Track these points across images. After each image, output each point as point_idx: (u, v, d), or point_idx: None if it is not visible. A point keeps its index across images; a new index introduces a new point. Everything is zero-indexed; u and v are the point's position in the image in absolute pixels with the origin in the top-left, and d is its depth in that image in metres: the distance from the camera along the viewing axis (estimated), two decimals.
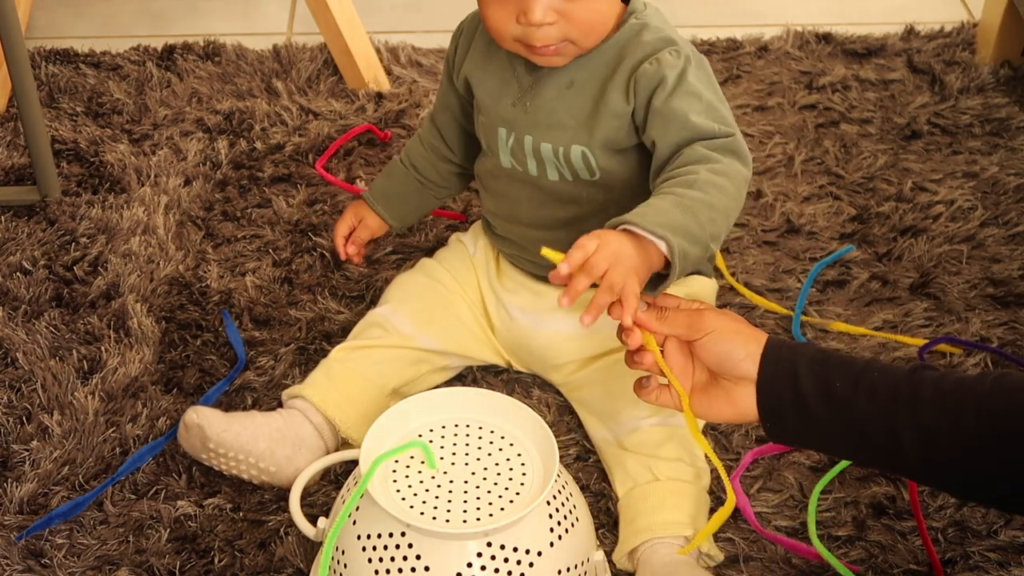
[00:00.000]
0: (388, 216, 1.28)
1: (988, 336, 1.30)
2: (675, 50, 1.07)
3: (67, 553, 1.09)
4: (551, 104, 1.10)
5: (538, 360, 1.23)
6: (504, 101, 1.13)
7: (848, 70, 1.70)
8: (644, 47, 1.07)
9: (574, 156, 1.11)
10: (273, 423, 1.14)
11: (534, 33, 1.04)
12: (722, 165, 1.02)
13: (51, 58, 1.72)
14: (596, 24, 1.06)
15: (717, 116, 1.06)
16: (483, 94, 1.16)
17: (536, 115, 1.11)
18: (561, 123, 1.10)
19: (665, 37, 1.08)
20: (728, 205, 1.01)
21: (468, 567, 0.92)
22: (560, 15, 1.03)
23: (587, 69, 1.09)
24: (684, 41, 1.09)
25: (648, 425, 1.12)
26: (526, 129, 1.12)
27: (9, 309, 1.33)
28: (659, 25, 1.09)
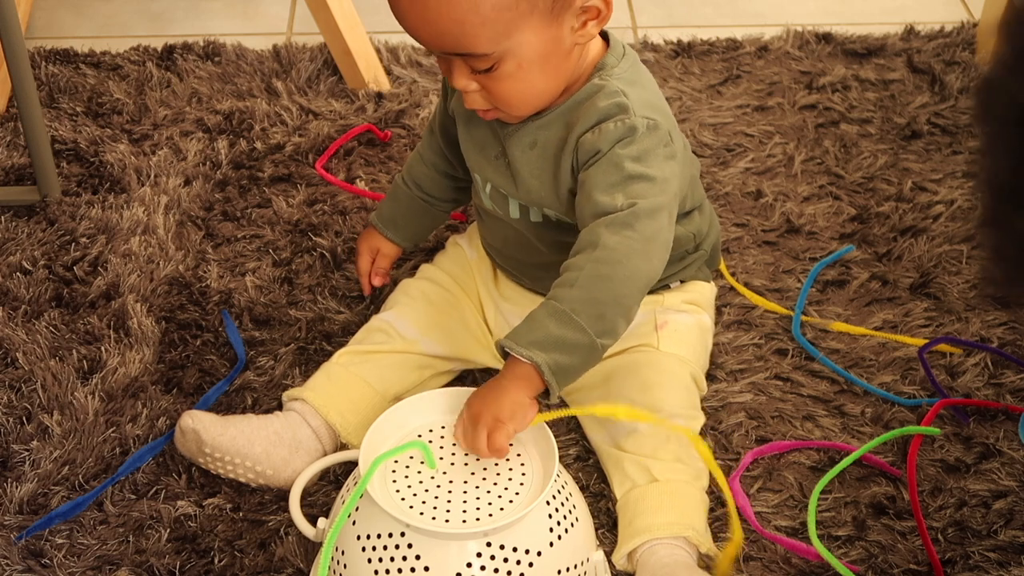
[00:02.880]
0: (400, 240, 1.29)
1: (988, 336, 1.30)
2: (621, 119, 1.04)
3: (67, 553, 1.09)
4: (518, 164, 1.11)
5: None
6: (488, 153, 1.14)
7: (848, 70, 1.70)
8: (595, 112, 1.05)
9: (547, 214, 1.12)
10: (270, 426, 1.14)
11: (464, 97, 1.05)
12: (610, 251, 1.00)
13: (51, 58, 1.72)
14: (514, 98, 1.05)
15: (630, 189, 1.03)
16: (467, 137, 1.16)
17: (511, 172, 1.12)
18: (528, 185, 1.11)
19: (618, 103, 1.04)
20: (617, 292, 1.00)
21: (468, 567, 0.92)
22: (481, 86, 1.04)
23: (548, 130, 1.09)
24: (645, 106, 1.06)
25: (645, 427, 1.11)
26: (502, 182, 1.13)
27: (9, 309, 1.33)
28: (616, 87, 1.05)
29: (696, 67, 1.71)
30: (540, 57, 1.02)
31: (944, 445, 1.19)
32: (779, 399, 1.24)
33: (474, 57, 1.01)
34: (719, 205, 1.47)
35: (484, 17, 0.98)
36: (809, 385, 1.25)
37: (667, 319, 1.18)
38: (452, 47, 1.00)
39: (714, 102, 1.64)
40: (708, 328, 1.23)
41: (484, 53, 1.00)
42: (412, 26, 1.01)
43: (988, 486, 1.15)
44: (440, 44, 1.01)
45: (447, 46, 1.00)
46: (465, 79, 1.03)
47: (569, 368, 0.99)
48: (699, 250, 1.21)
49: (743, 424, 1.21)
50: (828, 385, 1.26)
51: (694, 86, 1.67)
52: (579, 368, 1.01)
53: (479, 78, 1.03)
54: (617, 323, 1.01)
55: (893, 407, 1.23)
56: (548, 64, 1.03)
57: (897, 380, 1.26)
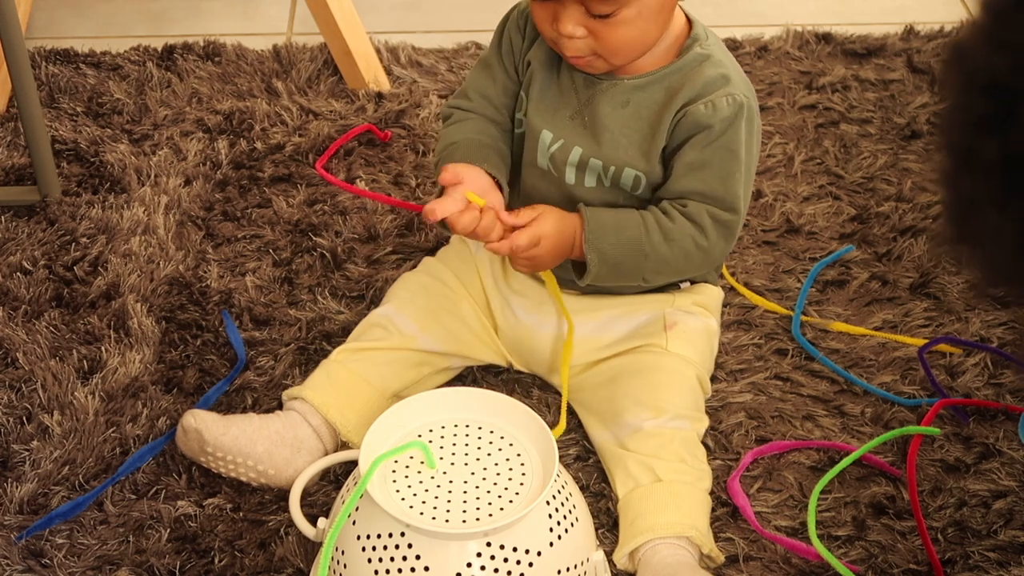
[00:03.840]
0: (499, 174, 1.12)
1: (988, 336, 1.30)
2: (731, 96, 1.07)
3: (67, 553, 1.09)
4: (606, 121, 1.10)
5: (540, 362, 1.23)
6: (561, 107, 1.13)
7: (848, 70, 1.70)
8: (701, 81, 1.07)
9: (625, 177, 1.11)
10: (272, 425, 1.14)
11: (564, 42, 1.05)
12: (707, 241, 1.09)
13: (51, 58, 1.72)
14: (625, 46, 1.06)
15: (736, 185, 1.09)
16: (539, 92, 1.15)
17: (592, 129, 1.11)
18: (617, 143, 1.11)
19: (725, 75, 1.08)
20: (683, 267, 1.13)
21: (468, 567, 0.92)
22: (589, 31, 1.04)
23: (644, 91, 1.09)
24: (742, 82, 1.09)
25: (651, 427, 1.11)
26: (577, 140, 1.12)
27: (9, 309, 1.33)
28: (721, 59, 1.09)
29: None
30: (658, 6, 1.04)
31: (944, 445, 1.19)
32: (779, 399, 1.24)
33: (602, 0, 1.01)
34: None
35: None
36: (809, 385, 1.25)
37: (676, 320, 1.18)
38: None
39: None
40: (715, 332, 1.23)
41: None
42: None
43: (988, 486, 1.15)
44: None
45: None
46: (574, 24, 1.03)
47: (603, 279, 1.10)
48: None
49: (743, 424, 1.21)
50: (828, 385, 1.26)
51: None
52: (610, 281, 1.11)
53: (593, 23, 1.03)
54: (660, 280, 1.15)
55: (893, 407, 1.23)
56: (660, 15, 1.06)
57: (897, 380, 1.26)
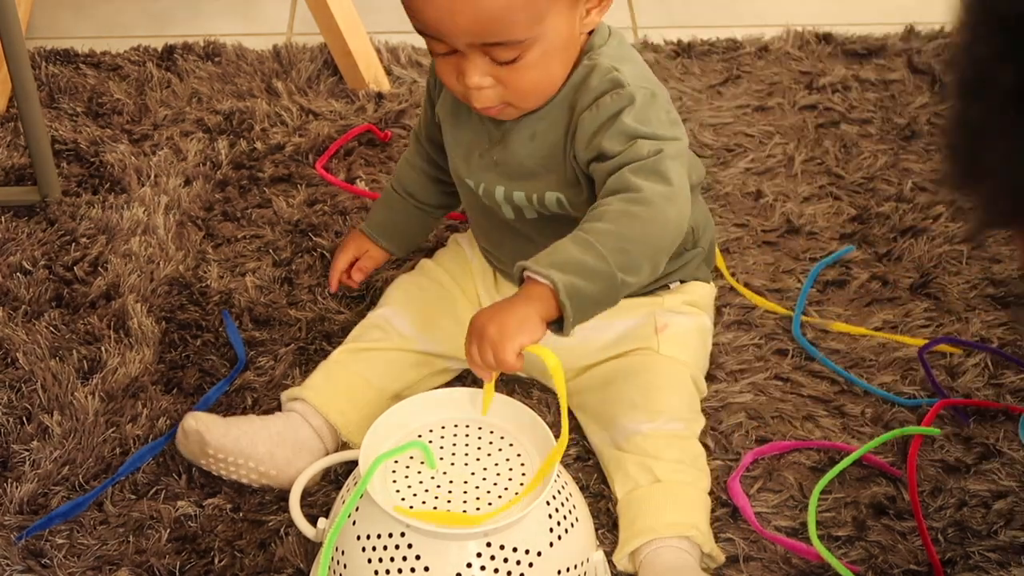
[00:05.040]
0: (394, 248, 1.29)
1: (988, 336, 1.30)
2: (617, 93, 1.04)
3: (67, 553, 1.09)
4: (519, 157, 1.10)
5: (535, 367, 1.23)
6: (474, 153, 1.13)
7: (848, 70, 1.70)
8: (590, 92, 1.05)
9: (548, 201, 1.11)
10: (272, 426, 1.14)
11: (473, 94, 1.04)
12: (640, 193, 0.99)
13: (51, 58, 1.72)
14: (534, 89, 1.05)
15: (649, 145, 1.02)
16: (454, 144, 1.15)
17: (507, 167, 1.11)
18: (532, 173, 1.10)
19: (611, 79, 1.04)
20: (646, 231, 0.98)
21: (468, 567, 0.92)
22: (496, 80, 1.02)
23: (546, 120, 1.08)
24: (636, 76, 1.06)
25: (648, 429, 1.11)
26: (497, 180, 1.12)
27: (9, 309, 1.33)
28: (609, 65, 1.05)
29: (696, 67, 1.71)
30: (562, 44, 1.03)
31: (944, 445, 1.19)
32: (779, 399, 1.24)
33: (504, 46, 0.99)
34: (719, 205, 1.47)
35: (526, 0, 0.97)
36: (809, 385, 1.25)
37: (667, 321, 1.18)
38: (487, 35, 0.99)
39: (714, 102, 1.64)
40: (708, 330, 1.23)
41: (518, 40, 0.99)
42: (444, 14, 0.98)
43: (988, 486, 1.15)
44: (473, 33, 0.99)
45: (481, 34, 0.99)
46: (480, 75, 1.02)
47: (585, 295, 0.95)
48: (696, 246, 1.21)
49: (743, 424, 1.21)
50: (828, 385, 1.26)
51: (694, 86, 1.67)
52: (596, 299, 0.96)
53: (498, 71, 1.02)
54: (641, 263, 0.98)
55: (893, 407, 1.23)
56: (565, 52, 1.04)
57: (897, 380, 1.26)
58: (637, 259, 0.98)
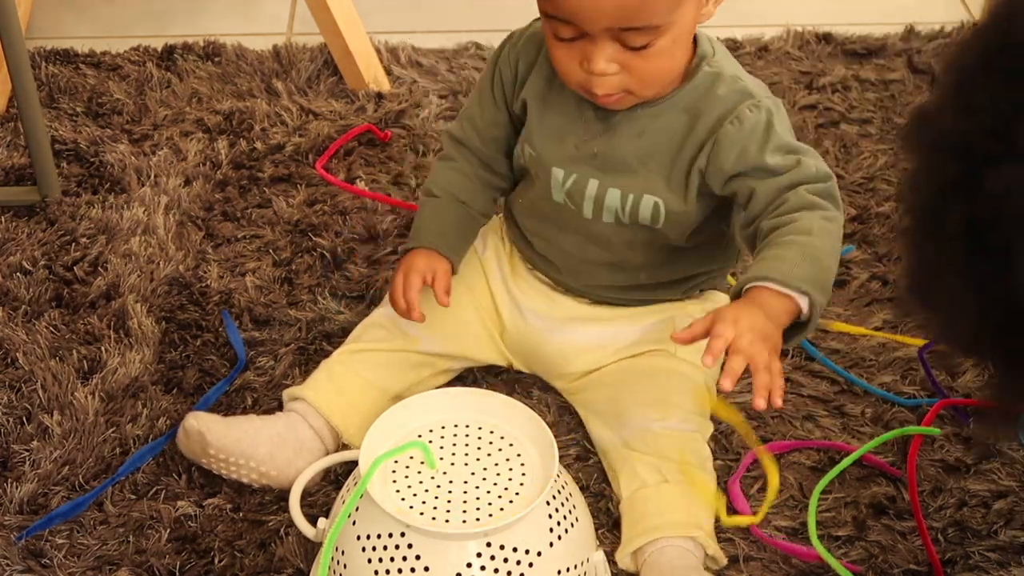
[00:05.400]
0: (455, 256, 1.18)
1: None
2: (754, 104, 1.05)
3: (67, 553, 1.09)
4: (622, 152, 1.09)
5: (545, 365, 1.22)
6: (568, 141, 1.11)
7: (848, 70, 1.70)
8: (722, 102, 1.05)
9: (644, 205, 1.10)
10: (273, 427, 1.14)
11: (596, 81, 1.03)
12: (831, 212, 1.02)
13: (51, 58, 1.72)
14: (658, 77, 1.04)
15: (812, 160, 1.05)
16: (542, 128, 1.12)
17: (606, 161, 1.10)
18: (634, 171, 1.09)
19: (741, 89, 1.06)
20: (838, 250, 1.02)
21: (468, 567, 0.92)
22: (622, 66, 1.02)
23: (659, 119, 1.08)
24: (759, 87, 1.08)
25: (659, 428, 1.11)
26: (592, 173, 1.10)
27: (9, 309, 1.33)
28: (733, 74, 1.07)
29: None
30: (688, 33, 1.04)
31: (944, 445, 1.19)
32: None
33: (640, 31, 0.99)
34: None
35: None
36: (809, 385, 1.25)
37: (687, 325, 1.18)
38: (628, 19, 0.98)
39: None
40: None
41: (656, 25, 0.99)
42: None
43: (988, 486, 1.15)
44: (615, 17, 0.98)
45: (623, 18, 0.98)
46: (607, 60, 1.01)
47: (819, 308, 0.97)
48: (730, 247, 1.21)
49: None
50: (828, 385, 1.26)
51: None
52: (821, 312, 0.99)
53: (625, 57, 1.01)
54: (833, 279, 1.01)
55: (893, 407, 1.23)
56: (687, 42, 1.05)
57: (897, 380, 1.26)
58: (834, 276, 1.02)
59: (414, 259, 1.16)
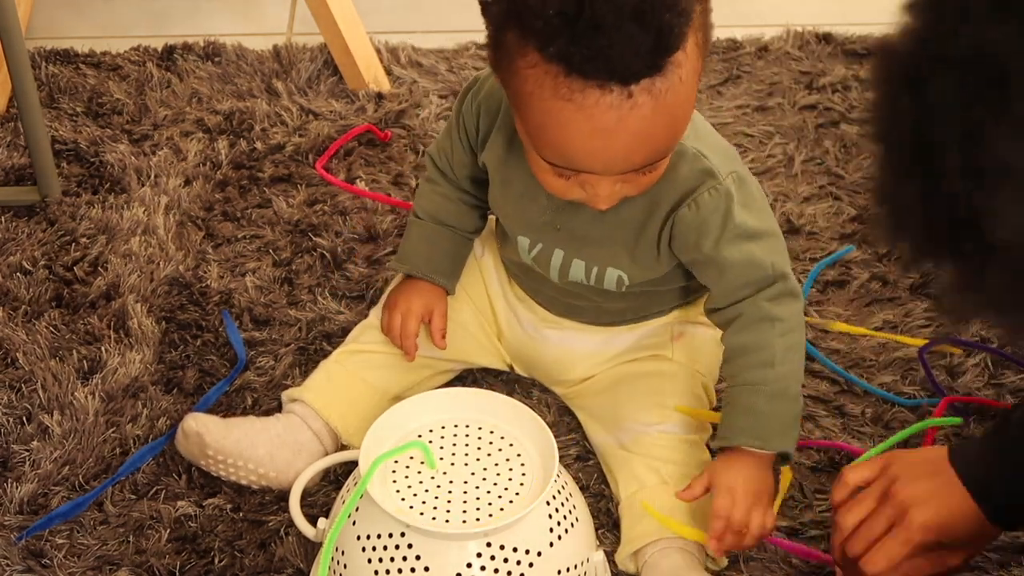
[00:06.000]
0: (451, 286, 1.19)
1: (988, 336, 1.30)
2: (714, 187, 1.02)
3: (67, 553, 1.09)
4: (586, 229, 1.07)
5: (543, 371, 1.22)
6: (530, 210, 1.08)
7: (848, 70, 1.70)
8: (681, 182, 1.02)
9: (608, 276, 1.09)
10: (272, 428, 1.14)
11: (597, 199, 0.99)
12: (787, 322, 1.05)
13: (51, 58, 1.72)
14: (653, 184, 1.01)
15: (768, 253, 1.05)
16: (504, 198, 1.11)
17: (569, 234, 1.08)
18: (599, 244, 1.08)
19: (702, 169, 1.02)
20: (801, 354, 1.08)
21: (468, 567, 0.92)
22: (623, 183, 0.98)
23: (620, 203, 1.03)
24: (724, 160, 1.04)
25: (657, 431, 1.11)
26: (556, 244, 1.09)
27: (9, 309, 1.33)
28: (695, 150, 1.02)
29: None
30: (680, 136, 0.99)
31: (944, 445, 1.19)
32: None
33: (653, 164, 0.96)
34: None
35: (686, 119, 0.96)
36: (809, 385, 1.25)
37: (684, 330, 1.18)
38: (649, 161, 0.95)
39: (714, 102, 1.64)
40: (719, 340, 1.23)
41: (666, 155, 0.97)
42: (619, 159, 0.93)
43: None
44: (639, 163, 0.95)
45: (644, 162, 0.95)
46: (611, 187, 0.97)
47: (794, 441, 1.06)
48: None
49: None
50: (828, 385, 1.26)
51: None
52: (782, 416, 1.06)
53: (627, 178, 0.97)
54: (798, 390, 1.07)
55: (893, 407, 1.23)
56: None
57: (897, 380, 1.26)
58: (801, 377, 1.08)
59: (411, 299, 1.16)
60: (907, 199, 0.56)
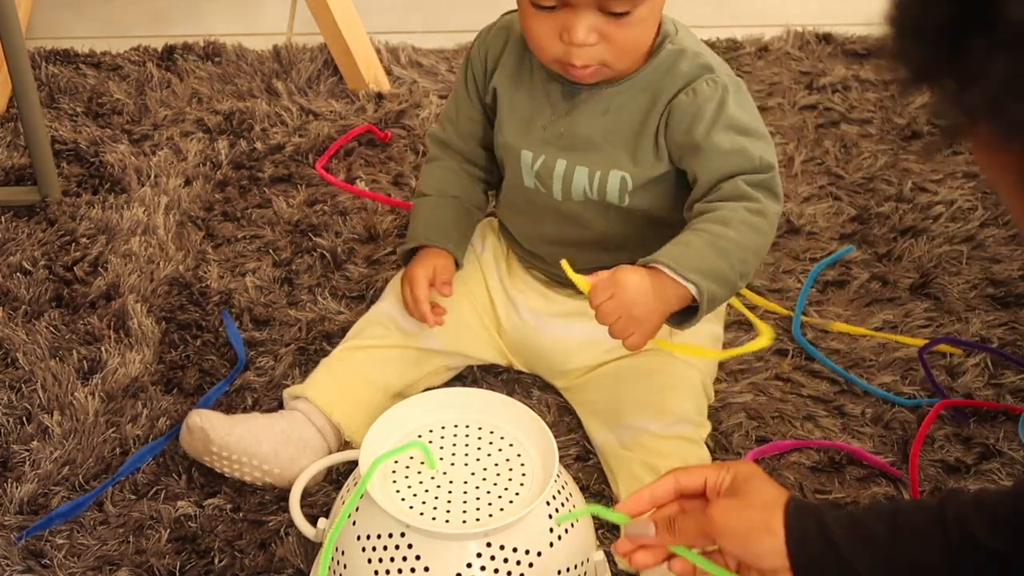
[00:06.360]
0: (457, 251, 1.20)
1: (988, 336, 1.30)
2: (712, 79, 1.06)
3: (67, 553, 1.09)
4: (589, 130, 1.10)
5: (543, 363, 1.22)
6: (535, 123, 1.12)
7: (848, 70, 1.70)
8: (681, 76, 1.07)
9: (611, 180, 1.11)
10: (276, 425, 1.14)
11: (575, 52, 1.03)
12: (760, 204, 1.04)
13: (51, 58, 1.72)
14: (633, 47, 1.05)
15: (758, 148, 1.06)
16: (511, 113, 1.14)
17: (572, 140, 1.11)
18: (600, 148, 1.10)
19: (702, 64, 1.07)
20: (760, 244, 1.05)
21: (468, 567, 0.92)
22: (601, 36, 1.03)
23: (624, 95, 1.09)
24: (721, 64, 1.09)
25: (656, 429, 1.11)
26: (559, 153, 1.11)
27: (9, 309, 1.33)
28: (695, 50, 1.08)
29: None
30: (661, 4, 1.05)
31: (944, 445, 1.19)
32: (779, 399, 1.24)
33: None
34: None
35: None
36: (809, 385, 1.25)
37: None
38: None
39: None
40: (719, 338, 1.23)
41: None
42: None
43: (988, 486, 1.15)
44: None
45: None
46: (588, 29, 1.02)
47: (715, 299, 1.01)
48: None
49: (743, 424, 1.21)
50: (828, 385, 1.26)
51: None
52: (720, 301, 1.03)
53: (605, 27, 1.02)
54: (748, 273, 1.05)
55: (893, 407, 1.23)
56: (659, 14, 1.06)
57: (897, 380, 1.26)
58: (751, 269, 1.05)
59: (414, 269, 1.18)
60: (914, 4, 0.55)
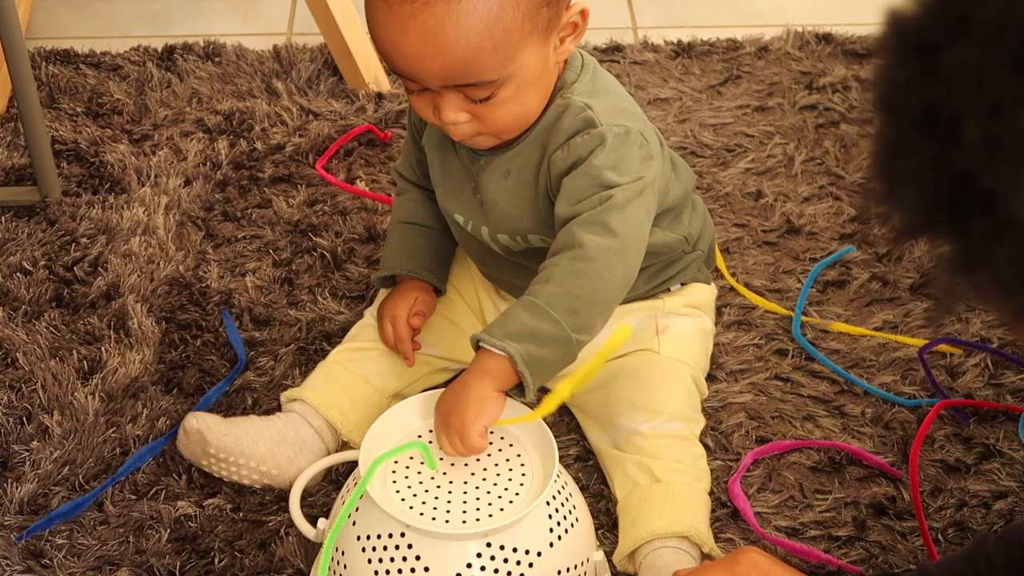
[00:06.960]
0: (438, 280, 1.20)
1: (988, 336, 1.30)
2: (588, 133, 1.03)
3: (67, 553, 1.09)
4: (496, 195, 1.09)
5: None
6: (463, 192, 1.12)
7: (848, 70, 1.70)
8: (563, 132, 1.04)
9: (532, 241, 1.11)
10: (273, 426, 1.14)
11: (450, 129, 1.03)
12: (585, 249, 0.99)
13: (51, 58, 1.72)
14: (509, 123, 1.04)
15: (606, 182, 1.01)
16: (440, 175, 1.14)
17: (487, 206, 1.10)
18: (510, 215, 1.10)
19: (584, 118, 1.03)
20: (594, 288, 0.99)
21: (468, 567, 0.92)
22: (472, 115, 1.01)
23: (520, 157, 1.08)
24: (609, 113, 1.04)
25: (648, 429, 1.11)
26: (482, 220, 1.12)
27: (9, 309, 1.33)
28: (580, 103, 1.04)
29: (696, 67, 1.71)
30: (535, 78, 1.01)
31: (944, 445, 1.19)
32: (779, 399, 1.24)
33: (477, 86, 0.99)
34: (719, 205, 1.47)
35: (496, 42, 0.96)
36: (809, 385, 1.25)
37: (668, 323, 1.18)
38: (459, 78, 0.98)
39: (714, 102, 1.64)
40: (709, 331, 1.23)
41: (490, 80, 0.98)
42: (413, 60, 0.97)
43: (988, 486, 1.15)
44: (445, 77, 0.98)
45: (453, 78, 0.98)
46: (455, 111, 1.01)
47: (543, 361, 0.98)
48: (696, 250, 1.21)
49: (743, 424, 1.21)
50: (828, 385, 1.26)
51: (694, 86, 1.68)
52: (554, 362, 0.99)
53: (473, 107, 1.01)
54: (594, 320, 1.00)
55: (893, 407, 1.23)
56: (540, 83, 1.03)
57: (897, 380, 1.26)
58: (589, 317, 1.00)
59: (395, 304, 1.17)
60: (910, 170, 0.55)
